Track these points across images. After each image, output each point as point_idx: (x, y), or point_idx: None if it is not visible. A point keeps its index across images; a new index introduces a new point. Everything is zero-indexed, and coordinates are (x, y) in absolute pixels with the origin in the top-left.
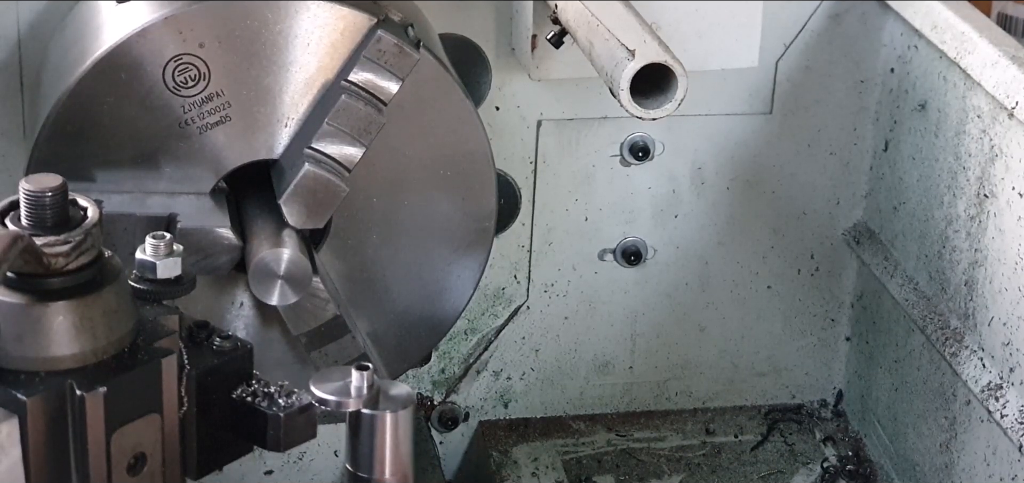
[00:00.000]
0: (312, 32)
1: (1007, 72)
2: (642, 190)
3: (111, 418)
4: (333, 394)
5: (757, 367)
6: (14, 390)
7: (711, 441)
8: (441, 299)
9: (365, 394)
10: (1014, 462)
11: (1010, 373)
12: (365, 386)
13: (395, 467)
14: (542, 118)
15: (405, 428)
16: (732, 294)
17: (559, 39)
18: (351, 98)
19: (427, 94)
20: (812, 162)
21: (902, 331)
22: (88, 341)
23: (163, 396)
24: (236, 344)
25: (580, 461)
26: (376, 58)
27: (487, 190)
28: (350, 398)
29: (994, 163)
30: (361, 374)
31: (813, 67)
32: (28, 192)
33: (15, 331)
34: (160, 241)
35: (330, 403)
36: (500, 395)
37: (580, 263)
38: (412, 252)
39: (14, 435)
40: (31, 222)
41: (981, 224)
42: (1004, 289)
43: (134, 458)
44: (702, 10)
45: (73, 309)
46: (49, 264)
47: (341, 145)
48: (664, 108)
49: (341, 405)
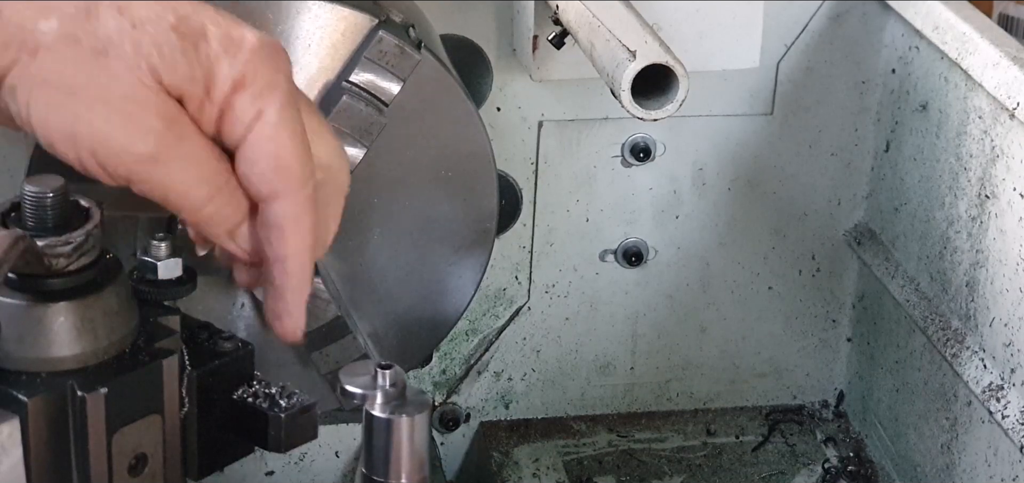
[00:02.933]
0: (313, 33)
1: (1008, 73)
2: (643, 191)
3: (112, 419)
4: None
5: (758, 368)
6: (15, 391)
7: (712, 442)
8: (442, 300)
9: (390, 391)
10: (1015, 463)
11: (1011, 374)
12: (388, 384)
13: (411, 471)
14: (543, 119)
15: (421, 432)
16: (733, 295)
17: (560, 40)
18: (352, 99)
19: (428, 95)
20: (813, 163)
21: (903, 332)
22: (89, 342)
23: (164, 397)
24: (237, 345)
25: (581, 462)
26: (377, 59)
27: (488, 191)
28: (376, 395)
29: (995, 164)
30: (385, 372)
31: (814, 68)
32: (30, 193)
33: (16, 332)
34: (161, 242)
35: (357, 397)
36: (501, 396)
37: (581, 264)
38: (413, 253)
39: (15, 436)
40: (33, 223)
41: (982, 225)
42: (1005, 290)
43: (135, 459)
44: (703, 11)
45: (74, 310)
46: (50, 265)
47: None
48: (665, 109)
49: (366, 400)
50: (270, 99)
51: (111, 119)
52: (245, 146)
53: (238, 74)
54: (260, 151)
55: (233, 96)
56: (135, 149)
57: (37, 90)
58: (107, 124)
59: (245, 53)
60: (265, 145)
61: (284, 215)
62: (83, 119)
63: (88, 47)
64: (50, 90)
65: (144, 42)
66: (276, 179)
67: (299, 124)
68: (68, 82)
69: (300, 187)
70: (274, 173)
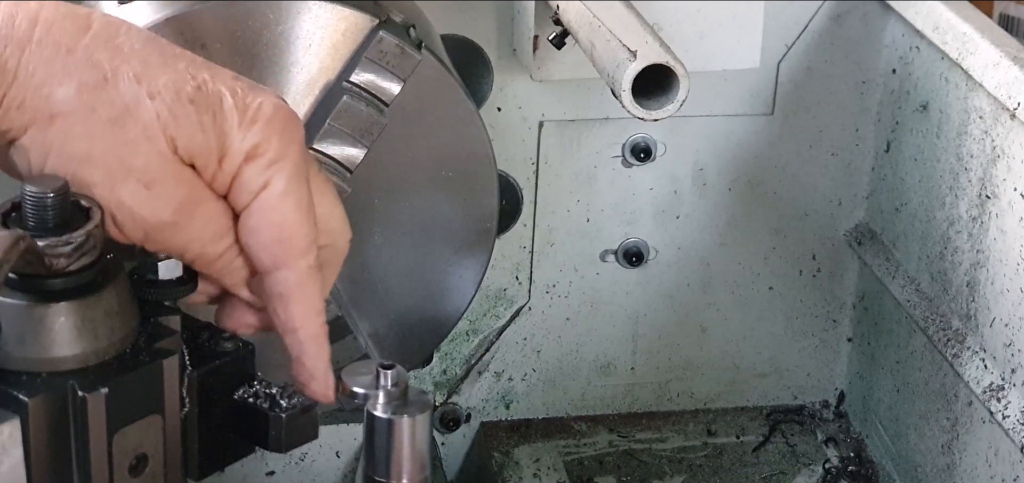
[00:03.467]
0: (314, 33)
1: (1009, 73)
2: (644, 191)
3: (113, 419)
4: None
5: (759, 368)
6: (16, 391)
7: (713, 442)
8: (442, 300)
9: (392, 391)
10: (1016, 463)
11: (1012, 374)
12: (390, 384)
13: (412, 471)
14: (544, 119)
15: (423, 432)
16: (734, 295)
17: (561, 40)
18: (353, 99)
19: (429, 95)
20: (814, 163)
21: (904, 332)
22: (90, 342)
23: (165, 397)
24: (238, 345)
25: (582, 462)
26: (378, 59)
27: (489, 191)
28: (378, 395)
29: (996, 164)
30: (387, 372)
31: (815, 68)
32: (31, 193)
33: (17, 332)
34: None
35: (359, 397)
36: (502, 396)
37: (582, 264)
38: (413, 253)
39: (16, 436)
40: (33, 223)
41: (983, 225)
42: (1006, 290)
43: (136, 459)
44: (704, 11)
45: (75, 310)
46: (51, 265)
47: (343, 146)
48: (666, 109)
49: (368, 400)
50: (278, 169)
51: (128, 189)
52: (248, 214)
53: (251, 146)
54: (263, 221)
55: (244, 165)
56: (154, 219)
57: (53, 157)
58: (124, 193)
59: (260, 124)
60: (268, 215)
61: (286, 285)
62: (100, 186)
63: (105, 116)
64: (66, 159)
65: (161, 112)
66: (277, 250)
67: (305, 195)
68: (84, 151)
69: (301, 257)
70: (276, 244)
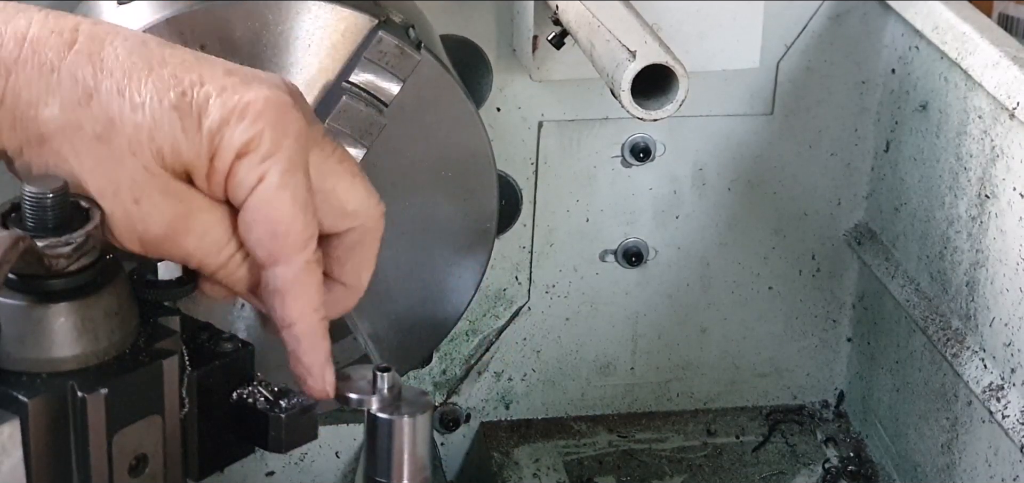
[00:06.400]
0: (313, 33)
1: (1008, 73)
2: (643, 191)
3: (112, 419)
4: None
5: (758, 368)
6: (15, 391)
7: (712, 442)
8: (442, 300)
9: (387, 395)
10: (1015, 463)
11: (1011, 374)
12: (386, 388)
13: (413, 472)
14: (543, 119)
15: (423, 433)
16: (733, 295)
17: (560, 40)
18: (352, 99)
19: (428, 95)
20: (813, 163)
21: (903, 332)
22: (89, 343)
23: (164, 397)
24: (238, 345)
25: (581, 462)
26: (377, 59)
27: (488, 191)
28: (372, 398)
29: (995, 164)
30: (383, 376)
31: (814, 68)
32: (30, 193)
33: (16, 333)
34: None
35: (353, 402)
36: (501, 396)
37: (581, 264)
38: (413, 253)
39: (16, 436)
40: (33, 224)
41: (982, 225)
42: (1005, 290)
43: (135, 459)
44: (703, 11)
45: (74, 311)
46: (50, 266)
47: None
48: (665, 109)
49: (363, 404)
50: (272, 163)
51: (119, 204)
52: (244, 210)
53: (242, 142)
54: (258, 216)
55: (236, 162)
56: (147, 234)
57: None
58: (116, 208)
59: (250, 118)
60: (263, 210)
61: (283, 280)
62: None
63: (91, 133)
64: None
65: (144, 124)
66: (272, 245)
67: (301, 188)
68: (74, 170)
69: (297, 252)
70: (271, 239)
